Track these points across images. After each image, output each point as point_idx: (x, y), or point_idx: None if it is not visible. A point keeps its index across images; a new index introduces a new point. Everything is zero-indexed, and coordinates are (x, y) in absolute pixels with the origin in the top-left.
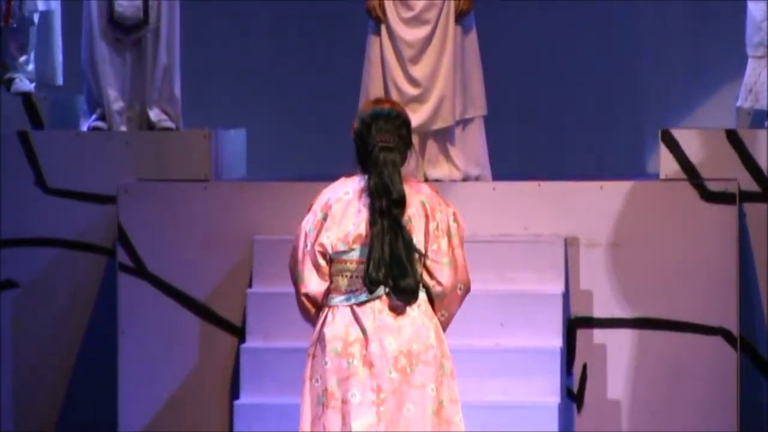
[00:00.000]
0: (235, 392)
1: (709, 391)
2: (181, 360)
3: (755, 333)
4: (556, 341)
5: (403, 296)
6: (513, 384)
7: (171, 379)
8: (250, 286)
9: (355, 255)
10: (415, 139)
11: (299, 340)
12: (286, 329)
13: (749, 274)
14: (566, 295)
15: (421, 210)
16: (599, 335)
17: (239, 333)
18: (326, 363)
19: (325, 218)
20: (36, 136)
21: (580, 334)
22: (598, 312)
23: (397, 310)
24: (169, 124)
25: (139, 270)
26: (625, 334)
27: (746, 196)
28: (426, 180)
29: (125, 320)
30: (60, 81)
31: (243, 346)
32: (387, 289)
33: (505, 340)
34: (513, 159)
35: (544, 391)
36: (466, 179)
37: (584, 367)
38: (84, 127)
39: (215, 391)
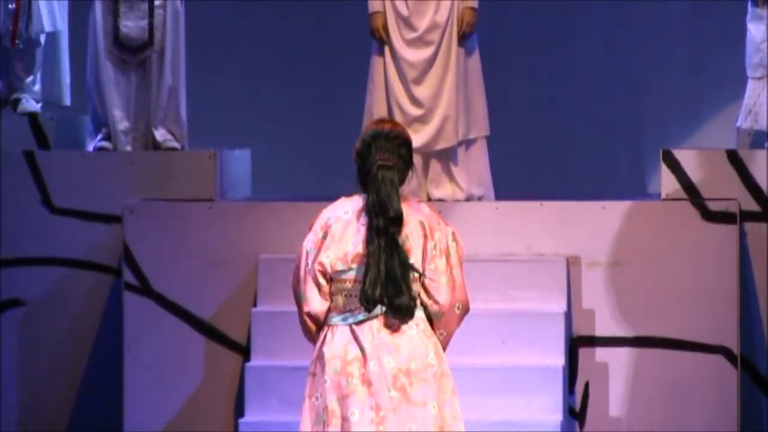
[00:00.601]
0: (240, 410)
1: (709, 409)
2: (187, 378)
3: (756, 352)
4: (559, 360)
5: (397, 314)
6: (515, 402)
7: (176, 397)
8: (255, 305)
9: (352, 274)
10: (418, 159)
11: (304, 359)
12: (290, 348)
13: (749, 293)
14: (568, 314)
15: (420, 229)
16: (601, 354)
17: (244, 351)
18: (326, 381)
19: (324, 237)
20: (42, 156)
21: (582, 352)
22: (600, 331)
23: (396, 329)
24: (175, 144)
25: (144, 289)
26: (627, 353)
27: (746, 216)
28: (429, 200)
29: (131, 339)
30: (67, 101)
31: (248, 364)
32: (384, 308)
33: (508, 358)
34: (515, 179)
35: (547, 409)
36: (469, 199)
37: (586, 385)
38: (90, 148)
39: (220, 409)
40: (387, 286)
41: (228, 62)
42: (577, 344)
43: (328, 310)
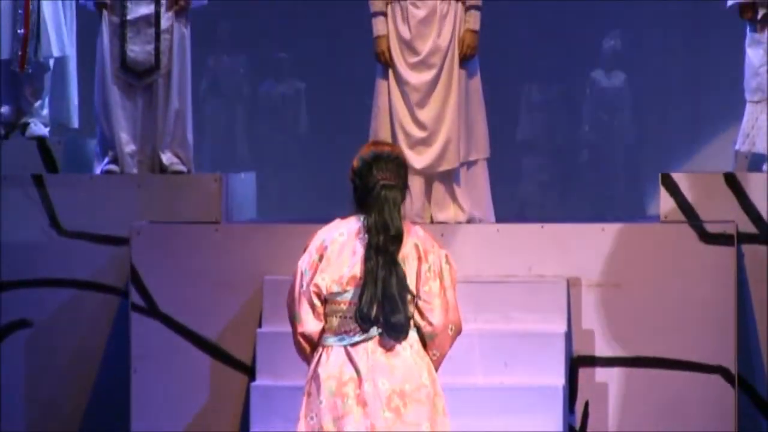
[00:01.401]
0: (245, 429)
1: (708, 429)
2: (193, 398)
3: (753, 371)
4: (559, 379)
5: (393, 333)
6: (517, 421)
7: (182, 416)
8: (260, 325)
9: (348, 296)
10: (421, 181)
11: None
12: (295, 368)
13: (747, 313)
14: (568, 335)
15: (414, 252)
16: (601, 374)
17: (249, 371)
18: (321, 402)
19: (320, 259)
20: (50, 179)
21: (582, 372)
22: (600, 351)
23: (390, 351)
24: (181, 167)
25: (151, 310)
26: (626, 373)
27: (744, 238)
28: (431, 222)
29: (137, 359)
30: (75, 124)
31: (253, 384)
32: (380, 330)
33: (509, 378)
34: (516, 201)
35: (547, 428)
36: (470, 221)
37: (586, 404)
38: (97, 171)
39: (226, 428)
40: (384, 303)
41: (234, 87)
42: (577, 364)
43: (323, 331)
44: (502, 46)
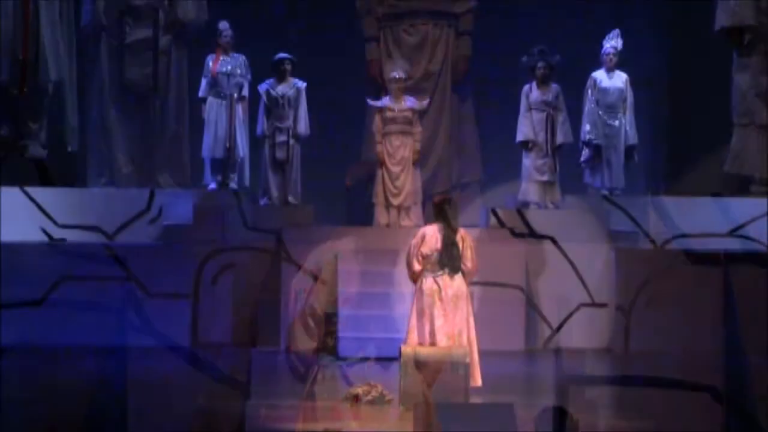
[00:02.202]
0: None
1: None
2: (189, 416)
3: (741, 390)
4: (550, 398)
5: (453, 271)
6: None
7: None
8: (254, 345)
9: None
10: None
11: (300, 397)
12: (289, 387)
13: (735, 333)
14: (559, 354)
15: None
16: (591, 392)
17: (245, 390)
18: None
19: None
20: (47, 199)
21: (573, 391)
22: (590, 370)
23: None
24: (177, 188)
25: (148, 329)
26: (616, 391)
27: (732, 259)
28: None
29: (135, 378)
30: (75, 145)
31: (248, 402)
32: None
33: (500, 396)
34: (510, 220)
35: None
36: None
37: (576, 422)
38: (94, 190)
39: None
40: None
41: None
42: (567, 383)
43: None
44: (492, 69)
